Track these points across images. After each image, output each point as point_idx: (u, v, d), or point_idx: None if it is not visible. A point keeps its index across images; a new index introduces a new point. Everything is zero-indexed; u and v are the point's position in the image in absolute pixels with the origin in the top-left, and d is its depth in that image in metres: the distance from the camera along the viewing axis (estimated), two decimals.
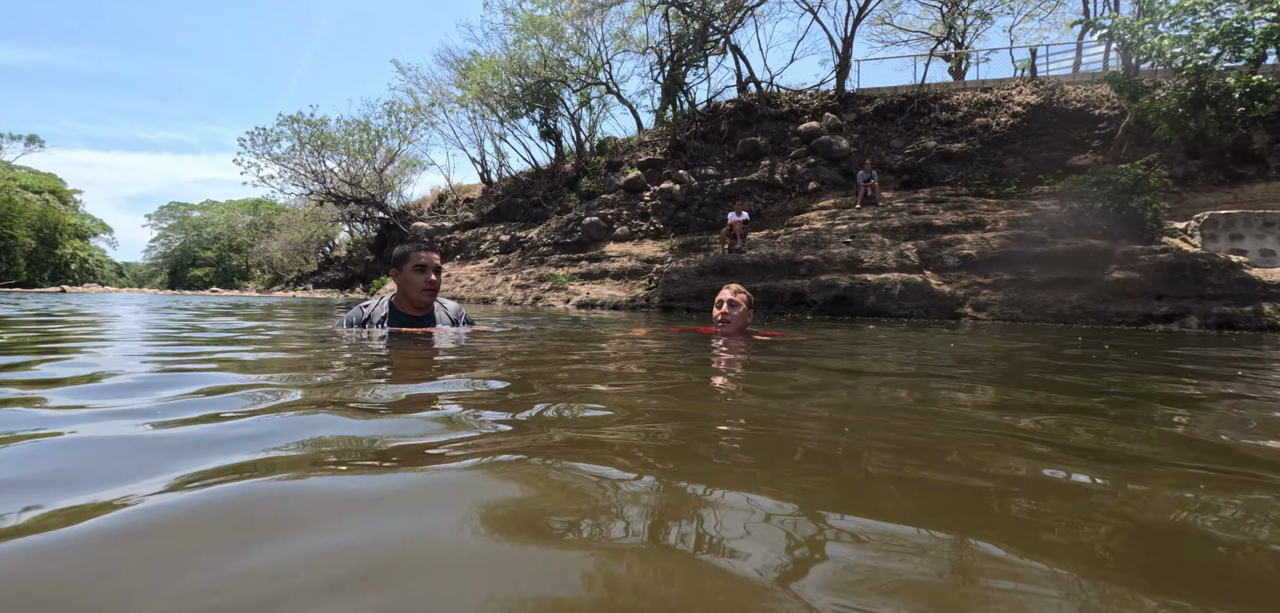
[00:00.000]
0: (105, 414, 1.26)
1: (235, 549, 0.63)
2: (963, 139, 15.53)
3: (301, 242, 38.27)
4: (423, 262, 3.07)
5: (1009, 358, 3.19)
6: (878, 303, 10.01)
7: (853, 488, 0.90)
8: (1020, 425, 1.34)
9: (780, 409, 1.50)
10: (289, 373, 2.01)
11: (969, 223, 11.59)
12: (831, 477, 0.96)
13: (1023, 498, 0.86)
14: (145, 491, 0.80)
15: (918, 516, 0.78)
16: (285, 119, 27.98)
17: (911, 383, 2.06)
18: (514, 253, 19.52)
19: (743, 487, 0.86)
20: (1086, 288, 9.20)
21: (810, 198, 15.92)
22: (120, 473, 0.88)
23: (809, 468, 1.01)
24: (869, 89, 18.38)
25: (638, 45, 21.46)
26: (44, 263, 42.29)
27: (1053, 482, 0.94)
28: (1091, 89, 14.99)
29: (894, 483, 0.91)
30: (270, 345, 2.86)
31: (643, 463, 0.98)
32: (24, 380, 1.71)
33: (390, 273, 3.23)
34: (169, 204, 65.41)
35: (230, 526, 0.69)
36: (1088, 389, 2.03)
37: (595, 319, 7.34)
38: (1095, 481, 0.95)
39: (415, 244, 3.13)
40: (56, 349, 2.55)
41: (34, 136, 38.82)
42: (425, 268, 3.08)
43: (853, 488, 0.90)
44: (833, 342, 3.96)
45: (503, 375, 1.94)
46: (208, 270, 55.57)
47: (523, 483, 0.86)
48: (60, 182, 50.14)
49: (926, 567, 0.63)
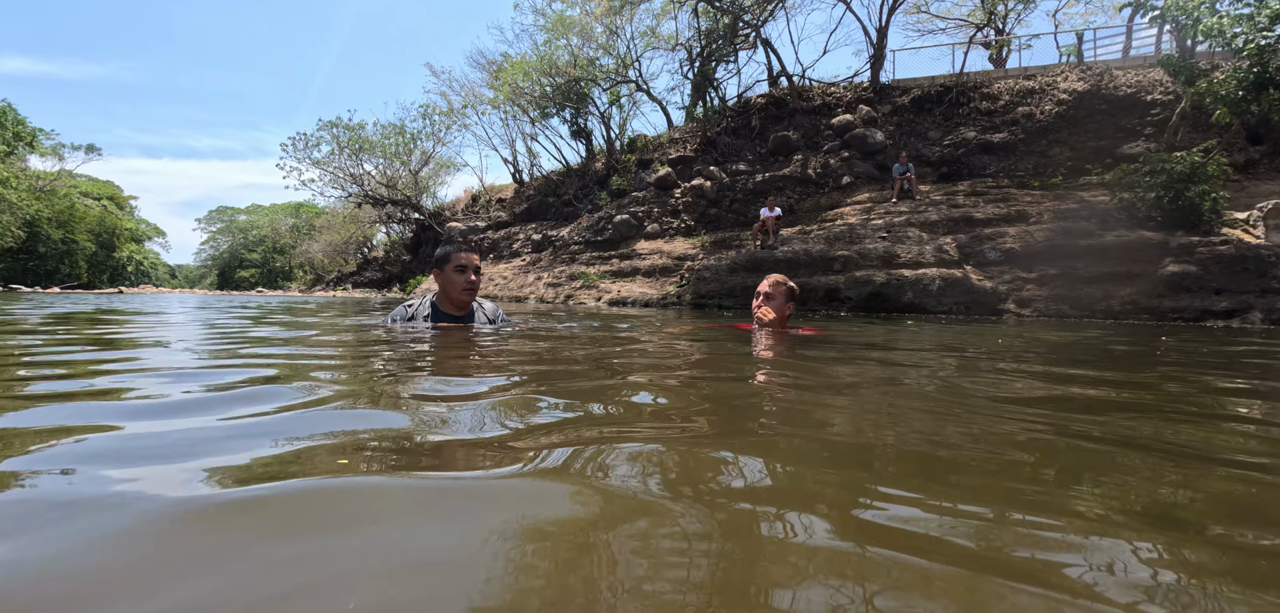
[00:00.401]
0: (175, 408, 1.33)
1: (287, 541, 0.66)
2: (1004, 129, 15.03)
3: (341, 243, 39.39)
4: (463, 262, 3.20)
5: (1107, 353, 3.09)
6: (915, 299, 9.79)
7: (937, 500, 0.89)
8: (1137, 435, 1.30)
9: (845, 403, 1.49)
10: (340, 367, 2.08)
11: (1011, 216, 11.22)
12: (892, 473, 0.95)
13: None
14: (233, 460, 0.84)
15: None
16: (324, 124, 28.81)
17: (989, 377, 2.01)
18: (546, 252, 19.71)
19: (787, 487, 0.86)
20: (1139, 282, 8.82)
21: (844, 192, 15.64)
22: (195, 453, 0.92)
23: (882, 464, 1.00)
24: (905, 80, 17.93)
25: (667, 42, 21.39)
26: (103, 265, 44.52)
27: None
28: (1143, 74, 14.33)
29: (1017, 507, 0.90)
30: (319, 342, 2.96)
31: (693, 458, 0.99)
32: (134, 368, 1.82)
33: (432, 274, 3.35)
34: (217, 208, 68.14)
35: (281, 517, 0.72)
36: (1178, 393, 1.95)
37: (628, 317, 7.37)
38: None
39: (455, 245, 3.26)
40: (157, 342, 2.69)
41: (92, 146, 40.80)
42: (465, 268, 3.20)
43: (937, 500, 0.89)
44: (874, 335, 3.88)
45: (544, 370, 1.97)
46: (253, 271, 57.72)
47: (572, 483, 0.88)
48: (117, 188, 52.71)
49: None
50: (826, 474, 0.93)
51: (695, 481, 0.88)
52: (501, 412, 1.33)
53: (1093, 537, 0.69)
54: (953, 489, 0.87)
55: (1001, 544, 0.68)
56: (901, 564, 0.61)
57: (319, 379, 1.77)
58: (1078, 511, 0.78)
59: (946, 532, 0.70)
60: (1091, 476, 0.94)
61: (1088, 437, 1.19)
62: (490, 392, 1.57)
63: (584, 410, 1.36)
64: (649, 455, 0.99)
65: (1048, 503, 0.82)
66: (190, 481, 0.83)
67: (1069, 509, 0.79)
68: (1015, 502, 0.82)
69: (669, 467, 0.93)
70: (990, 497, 0.84)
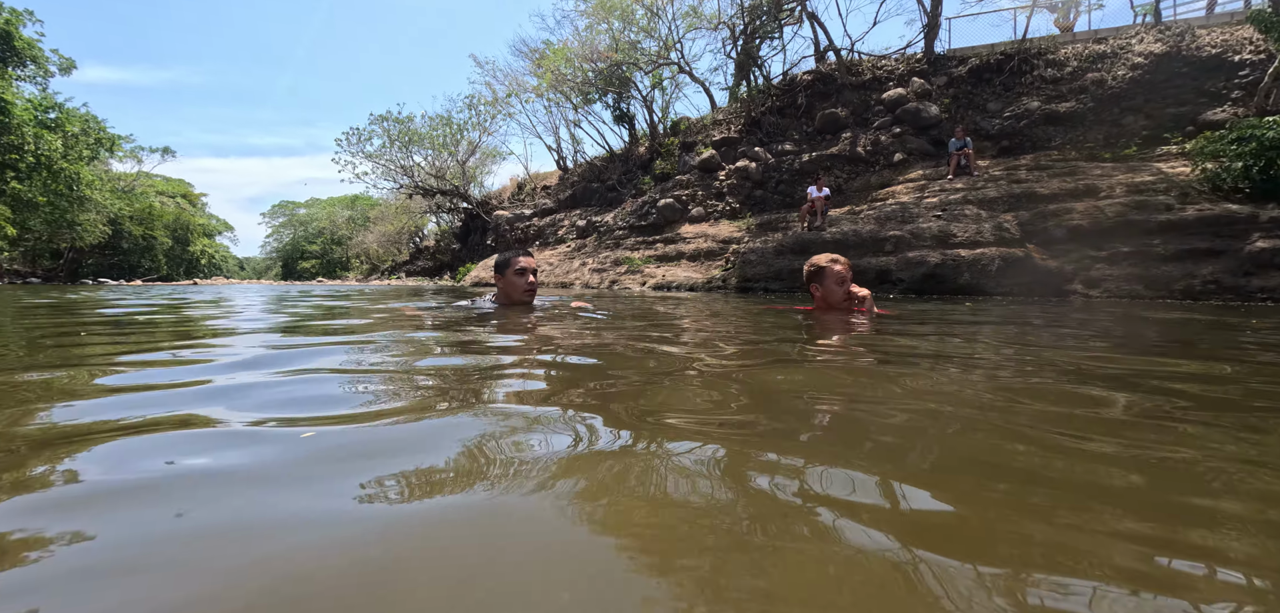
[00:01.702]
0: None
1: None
2: (1072, 97, 14.14)
3: (394, 233, 40.78)
4: (523, 266, 3.57)
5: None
6: (972, 280, 9.39)
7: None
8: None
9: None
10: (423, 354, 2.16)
11: (1079, 190, 10.59)
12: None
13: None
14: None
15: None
16: (376, 118, 29.76)
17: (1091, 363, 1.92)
18: (590, 237, 19.86)
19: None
20: (1223, 259, 8.20)
21: (896, 170, 15.10)
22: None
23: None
24: (962, 49, 17.06)
25: (709, 22, 21.04)
26: (179, 259, 47.52)
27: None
28: (1230, 32, 13.19)
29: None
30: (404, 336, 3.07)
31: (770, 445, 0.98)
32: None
33: (494, 278, 3.69)
34: (279, 203, 71.59)
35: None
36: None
37: (679, 299, 7.34)
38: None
39: (515, 251, 3.64)
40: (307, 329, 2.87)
41: (167, 148, 43.49)
42: (525, 271, 3.57)
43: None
44: (958, 314, 3.75)
45: (621, 356, 1.99)
46: (314, 262, 60.43)
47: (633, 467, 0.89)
48: (189, 186, 56.00)
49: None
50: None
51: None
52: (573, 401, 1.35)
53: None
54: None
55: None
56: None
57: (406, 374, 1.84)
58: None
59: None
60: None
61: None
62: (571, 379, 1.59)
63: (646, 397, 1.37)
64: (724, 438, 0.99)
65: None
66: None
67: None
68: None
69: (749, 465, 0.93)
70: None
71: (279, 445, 1.01)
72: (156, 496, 0.79)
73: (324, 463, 0.92)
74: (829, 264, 3.46)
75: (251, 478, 0.86)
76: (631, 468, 0.90)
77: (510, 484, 0.83)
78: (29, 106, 25.69)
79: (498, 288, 3.66)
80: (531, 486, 0.82)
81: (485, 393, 1.45)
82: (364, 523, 0.71)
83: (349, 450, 0.99)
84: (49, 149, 25.43)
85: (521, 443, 1.03)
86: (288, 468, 0.90)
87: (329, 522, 0.71)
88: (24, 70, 25.01)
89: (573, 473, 0.87)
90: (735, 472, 0.90)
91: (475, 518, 0.73)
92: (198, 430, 1.11)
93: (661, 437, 1.08)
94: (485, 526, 0.72)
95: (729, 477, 0.88)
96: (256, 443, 1.03)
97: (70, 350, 2.36)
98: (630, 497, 0.80)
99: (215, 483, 0.84)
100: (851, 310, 3.49)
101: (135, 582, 0.58)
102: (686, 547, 0.66)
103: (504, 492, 0.80)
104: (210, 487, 0.82)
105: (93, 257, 37.99)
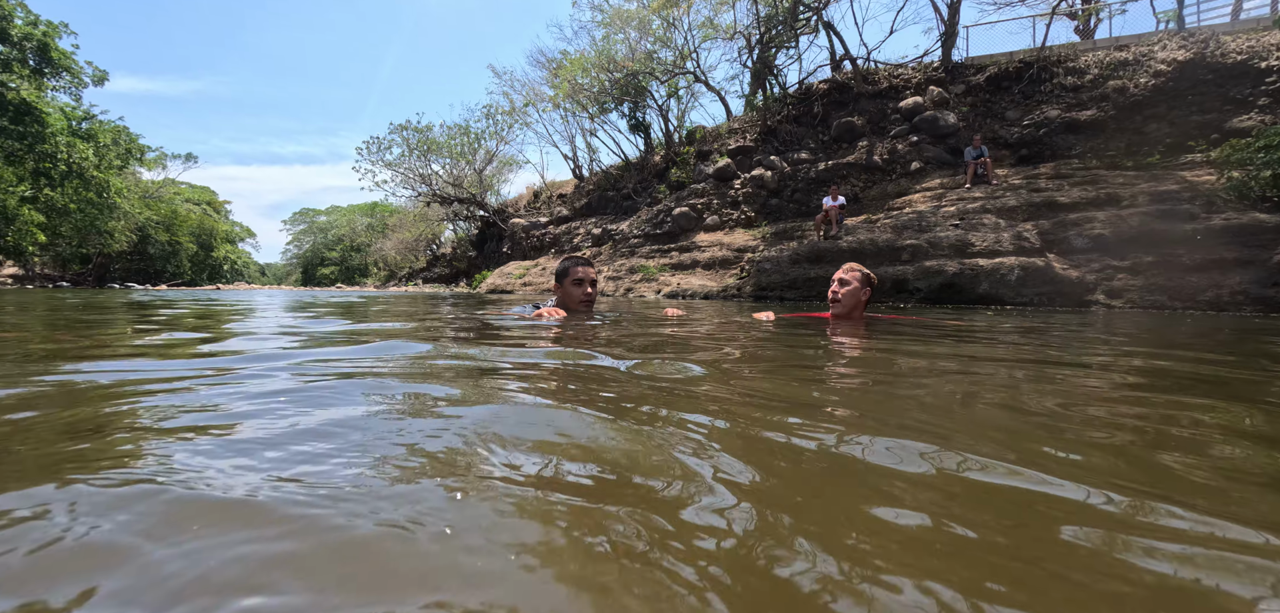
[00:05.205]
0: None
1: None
2: (1092, 106, 13.98)
3: (412, 241, 41.26)
4: (581, 276, 3.75)
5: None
6: (991, 289, 9.31)
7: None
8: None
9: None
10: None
11: (1100, 199, 10.46)
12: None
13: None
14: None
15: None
16: (395, 128, 30.21)
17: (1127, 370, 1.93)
18: (606, 246, 19.95)
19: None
20: (1250, 270, 8.05)
21: (913, 179, 15.01)
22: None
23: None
24: (980, 57, 16.95)
25: (725, 32, 21.12)
26: (203, 264, 48.55)
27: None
28: (1256, 39, 12.96)
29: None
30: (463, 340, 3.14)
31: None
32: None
33: (554, 287, 3.88)
34: (300, 210, 72.81)
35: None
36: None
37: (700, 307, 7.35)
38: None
39: (574, 260, 3.80)
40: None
41: (190, 154, 44.45)
42: (583, 281, 3.75)
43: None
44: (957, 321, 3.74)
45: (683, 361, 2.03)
46: (333, 269, 61.35)
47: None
48: (213, 193, 57.24)
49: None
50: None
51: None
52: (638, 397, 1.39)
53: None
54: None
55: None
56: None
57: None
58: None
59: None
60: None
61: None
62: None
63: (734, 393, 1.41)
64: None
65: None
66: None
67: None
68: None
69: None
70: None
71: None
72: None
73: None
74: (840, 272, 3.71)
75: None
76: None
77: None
78: (62, 115, 26.50)
79: (557, 296, 3.84)
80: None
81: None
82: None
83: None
84: (81, 157, 26.18)
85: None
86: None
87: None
88: (59, 81, 25.80)
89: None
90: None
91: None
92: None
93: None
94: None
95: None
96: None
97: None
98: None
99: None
100: (847, 313, 3.66)
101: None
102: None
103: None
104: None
105: (119, 262, 38.93)
